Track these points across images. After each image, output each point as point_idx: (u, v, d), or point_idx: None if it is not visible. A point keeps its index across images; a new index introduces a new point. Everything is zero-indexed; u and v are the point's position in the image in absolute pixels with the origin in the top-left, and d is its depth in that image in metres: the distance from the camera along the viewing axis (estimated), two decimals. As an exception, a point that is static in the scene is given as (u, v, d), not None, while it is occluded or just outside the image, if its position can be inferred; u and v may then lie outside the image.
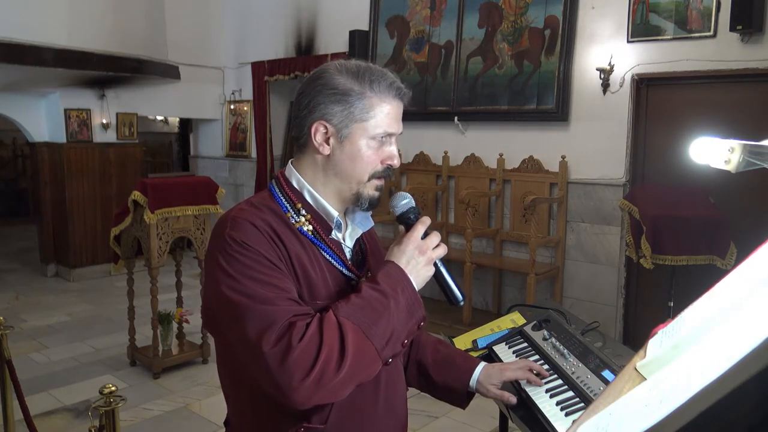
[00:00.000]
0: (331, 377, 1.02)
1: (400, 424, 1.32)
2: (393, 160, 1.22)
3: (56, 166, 6.83)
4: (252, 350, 1.04)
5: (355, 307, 1.09)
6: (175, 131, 11.99)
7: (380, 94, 1.18)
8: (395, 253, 1.19)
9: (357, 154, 1.19)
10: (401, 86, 1.21)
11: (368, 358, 1.07)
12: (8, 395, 3.02)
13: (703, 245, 3.81)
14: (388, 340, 1.10)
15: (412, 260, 1.18)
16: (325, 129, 1.18)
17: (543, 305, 2.13)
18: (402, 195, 1.27)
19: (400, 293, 1.13)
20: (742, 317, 0.59)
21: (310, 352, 1.02)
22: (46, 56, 5.62)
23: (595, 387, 1.49)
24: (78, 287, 6.67)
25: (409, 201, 1.26)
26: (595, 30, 4.78)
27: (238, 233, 1.11)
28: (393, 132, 1.21)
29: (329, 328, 1.05)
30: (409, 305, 1.14)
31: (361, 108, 1.17)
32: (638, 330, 4.75)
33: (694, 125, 4.31)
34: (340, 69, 1.19)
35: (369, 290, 1.12)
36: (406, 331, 1.14)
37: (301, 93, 1.22)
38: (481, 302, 5.62)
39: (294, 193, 1.22)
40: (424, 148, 5.91)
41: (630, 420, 0.59)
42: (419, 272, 1.18)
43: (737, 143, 0.77)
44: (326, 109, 1.17)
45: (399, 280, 1.14)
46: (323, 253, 1.20)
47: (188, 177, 4.76)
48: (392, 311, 1.11)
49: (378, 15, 6.23)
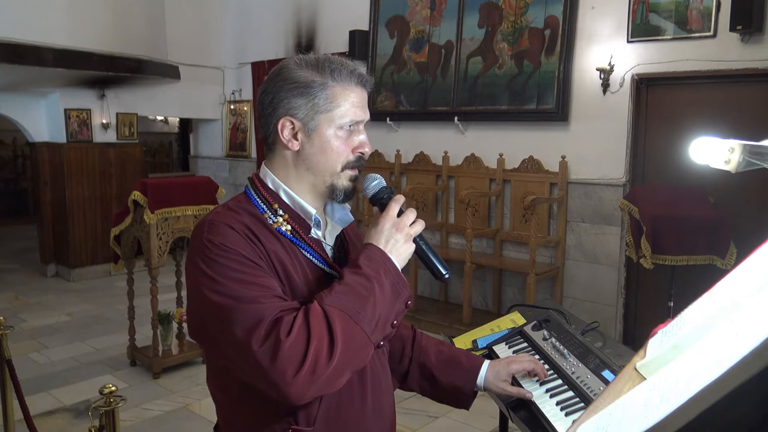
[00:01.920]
0: (324, 366, 1.01)
1: (388, 423, 1.31)
2: (364, 148, 1.21)
3: (56, 166, 6.83)
4: (242, 351, 1.03)
5: (339, 294, 1.07)
6: (175, 131, 12.00)
7: (342, 82, 1.18)
8: (373, 235, 1.17)
9: (326, 145, 1.18)
10: (362, 73, 1.20)
11: (359, 342, 1.06)
12: (8, 395, 3.02)
13: (702, 245, 3.81)
14: (376, 322, 1.08)
15: (391, 239, 1.16)
16: (292, 124, 1.17)
17: (543, 305, 2.13)
18: (372, 176, 1.26)
19: (383, 275, 1.11)
20: (742, 317, 0.59)
21: (300, 344, 1.01)
22: (46, 56, 5.62)
23: (595, 387, 1.49)
24: (78, 287, 6.67)
25: (380, 181, 1.25)
26: (595, 30, 4.78)
27: (216, 236, 1.11)
28: (360, 119, 1.20)
29: (315, 317, 1.04)
30: (393, 286, 1.12)
31: (324, 98, 1.16)
32: (638, 330, 4.75)
33: (694, 125, 4.31)
34: (299, 63, 1.19)
35: (351, 275, 1.10)
36: (394, 312, 1.13)
37: (262, 92, 1.21)
38: (481, 302, 5.62)
39: (270, 193, 1.21)
40: (424, 148, 5.91)
41: (630, 420, 0.59)
42: (399, 251, 1.16)
43: (737, 143, 0.77)
44: (290, 104, 1.16)
45: (381, 262, 1.13)
46: (304, 253, 1.19)
47: (188, 177, 4.77)
48: (377, 293, 1.09)
49: (378, 15, 6.23)
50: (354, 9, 6.42)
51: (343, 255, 1.29)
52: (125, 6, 6.45)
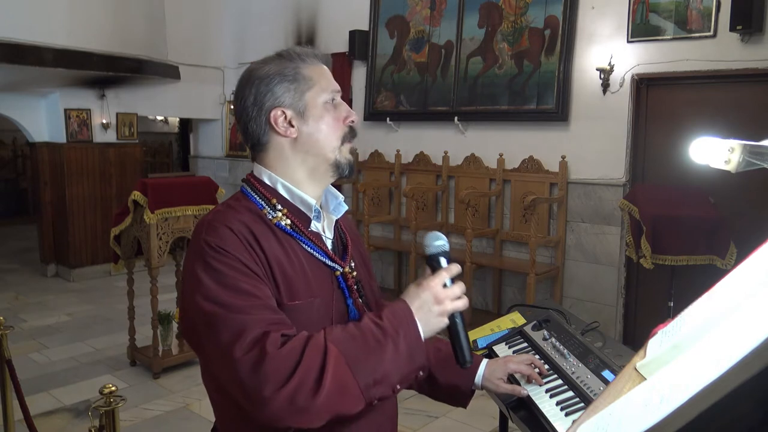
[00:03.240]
0: (306, 399, 0.98)
1: (389, 423, 1.31)
2: (352, 116, 1.24)
3: (56, 166, 6.83)
4: (224, 357, 1.02)
5: (348, 335, 1.05)
6: (175, 131, 12.00)
7: (310, 62, 1.23)
8: (410, 294, 1.13)
9: (322, 120, 1.20)
10: (319, 53, 1.26)
11: (348, 393, 1.02)
12: (8, 395, 3.02)
13: (702, 245, 3.81)
14: (376, 379, 1.04)
15: (425, 306, 1.11)
16: (284, 113, 1.19)
17: (543, 305, 2.13)
18: (436, 235, 1.20)
19: (402, 335, 1.07)
20: (742, 317, 0.59)
21: (287, 364, 0.99)
22: (46, 56, 5.62)
23: (595, 387, 1.49)
24: (78, 287, 6.67)
25: (443, 244, 1.19)
26: (595, 30, 4.78)
27: (214, 238, 1.10)
28: (338, 90, 1.24)
29: (313, 348, 1.01)
30: (410, 350, 1.07)
31: (303, 78, 1.20)
32: (638, 330, 4.75)
33: (694, 125, 4.31)
34: (264, 61, 1.23)
35: (369, 323, 1.08)
36: (400, 376, 1.07)
37: (239, 99, 1.22)
38: (481, 302, 5.62)
39: (267, 189, 1.21)
40: (424, 148, 5.91)
41: (630, 420, 0.59)
42: (429, 320, 1.11)
43: (737, 143, 0.77)
44: (274, 95, 1.19)
45: (404, 321, 1.09)
46: (304, 246, 1.19)
47: (188, 177, 4.77)
48: (388, 351, 1.05)
49: (378, 15, 6.23)
50: (354, 9, 6.42)
51: (343, 248, 1.29)
52: (125, 6, 6.45)
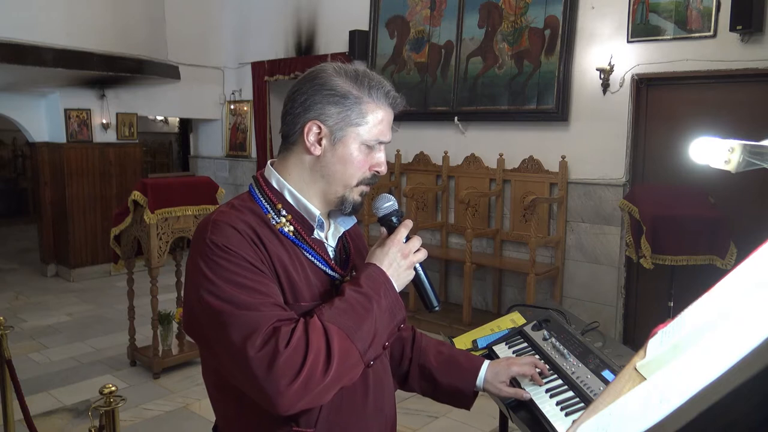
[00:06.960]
0: (318, 381, 1.03)
1: (389, 424, 1.31)
2: (381, 167, 1.23)
3: (56, 166, 6.84)
4: (237, 355, 1.03)
5: (339, 310, 1.09)
6: (175, 131, 12.00)
7: (377, 100, 1.19)
8: (377, 255, 1.20)
9: (348, 158, 1.18)
10: (397, 95, 1.22)
11: (352, 361, 1.08)
12: (8, 395, 3.02)
13: (702, 245, 3.81)
14: (370, 342, 1.11)
15: (394, 263, 1.19)
16: (319, 129, 1.17)
17: (543, 305, 2.13)
18: (385, 197, 1.27)
19: (383, 296, 1.14)
20: (742, 317, 0.59)
21: (298, 356, 1.02)
22: (46, 56, 5.62)
23: (595, 387, 1.49)
24: (78, 287, 6.67)
25: (392, 203, 1.27)
26: (595, 30, 4.78)
27: (218, 237, 1.10)
28: (385, 140, 1.21)
29: (315, 332, 1.05)
30: (390, 307, 1.15)
31: (357, 112, 1.17)
32: (638, 330, 4.75)
33: (694, 125, 4.31)
34: (338, 71, 1.19)
35: (352, 293, 1.12)
36: (387, 333, 1.15)
37: (296, 90, 1.20)
38: (481, 302, 5.62)
39: (274, 193, 1.21)
40: (424, 148, 5.91)
41: (630, 420, 0.59)
42: (400, 275, 1.19)
43: (737, 143, 0.77)
44: (323, 110, 1.16)
45: (381, 283, 1.15)
46: (306, 254, 1.19)
47: (188, 177, 4.77)
48: (375, 314, 1.11)
49: (378, 15, 6.23)
50: (354, 9, 6.42)
51: (345, 257, 1.29)
52: (125, 6, 6.45)
